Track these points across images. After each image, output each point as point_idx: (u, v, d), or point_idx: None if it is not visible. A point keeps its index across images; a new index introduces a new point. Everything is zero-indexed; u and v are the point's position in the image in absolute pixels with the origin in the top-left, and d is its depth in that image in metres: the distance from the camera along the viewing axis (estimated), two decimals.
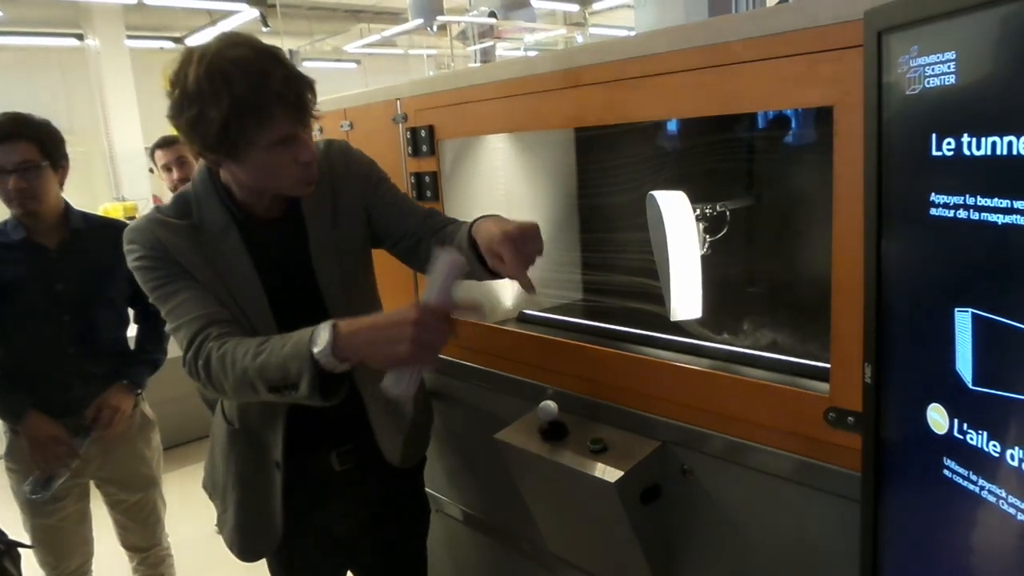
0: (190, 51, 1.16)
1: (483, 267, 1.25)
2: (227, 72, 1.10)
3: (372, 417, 1.46)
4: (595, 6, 9.42)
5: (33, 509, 2.05)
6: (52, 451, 1.94)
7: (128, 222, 1.49)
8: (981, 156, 0.68)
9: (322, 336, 1.06)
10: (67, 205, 2.03)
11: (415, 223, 1.43)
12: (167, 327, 1.28)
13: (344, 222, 1.41)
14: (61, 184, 1.99)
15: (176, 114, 1.15)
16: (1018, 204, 0.65)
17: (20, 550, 1.58)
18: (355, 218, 1.43)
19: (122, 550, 2.32)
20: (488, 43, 5.04)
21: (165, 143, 2.89)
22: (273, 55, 1.17)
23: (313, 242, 1.37)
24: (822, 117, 1.44)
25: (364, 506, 1.58)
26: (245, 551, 1.52)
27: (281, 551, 1.51)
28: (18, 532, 1.97)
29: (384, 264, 2.09)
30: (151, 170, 8.80)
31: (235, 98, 1.10)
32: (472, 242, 1.25)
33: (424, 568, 1.77)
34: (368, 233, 1.47)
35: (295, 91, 1.15)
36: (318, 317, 1.13)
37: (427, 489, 2.07)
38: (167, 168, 2.91)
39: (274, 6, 7.72)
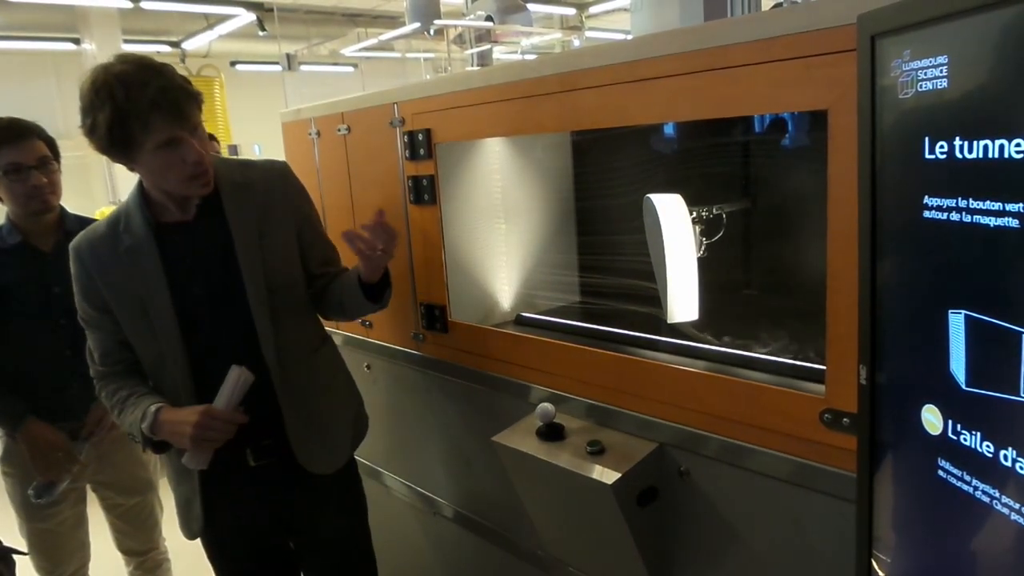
0: (89, 71, 1.35)
1: (365, 296, 1.55)
2: (110, 84, 1.29)
3: (287, 423, 1.55)
4: (591, 10, 9.45)
5: (29, 513, 2.05)
6: (52, 457, 1.93)
7: None
8: (973, 159, 0.69)
9: (147, 419, 1.42)
10: (62, 208, 2.03)
11: (319, 267, 1.64)
12: None
13: (271, 236, 1.52)
14: None
15: (81, 124, 1.36)
16: (1010, 207, 0.65)
17: (15, 557, 1.57)
18: (283, 236, 1.56)
19: (119, 554, 2.32)
20: (485, 47, 5.04)
21: None
22: (154, 69, 1.33)
23: (239, 247, 1.48)
24: (817, 120, 1.45)
25: (285, 505, 1.64)
26: (182, 527, 1.66)
27: (205, 533, 1.63)
28: (14, 536, 1.97)
29: None
30: None
31: (116, 106, 1.29)
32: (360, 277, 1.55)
33: (372, 568, 1.83)
34: (298, 256, 1.59)
35: (171, 99, 1.31)
36: (238, 324, 1.48)
37: (424, 491, 2.08)
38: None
39: (271, 10, 7.71)
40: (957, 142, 0.71)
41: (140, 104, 1.29)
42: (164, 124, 1.32)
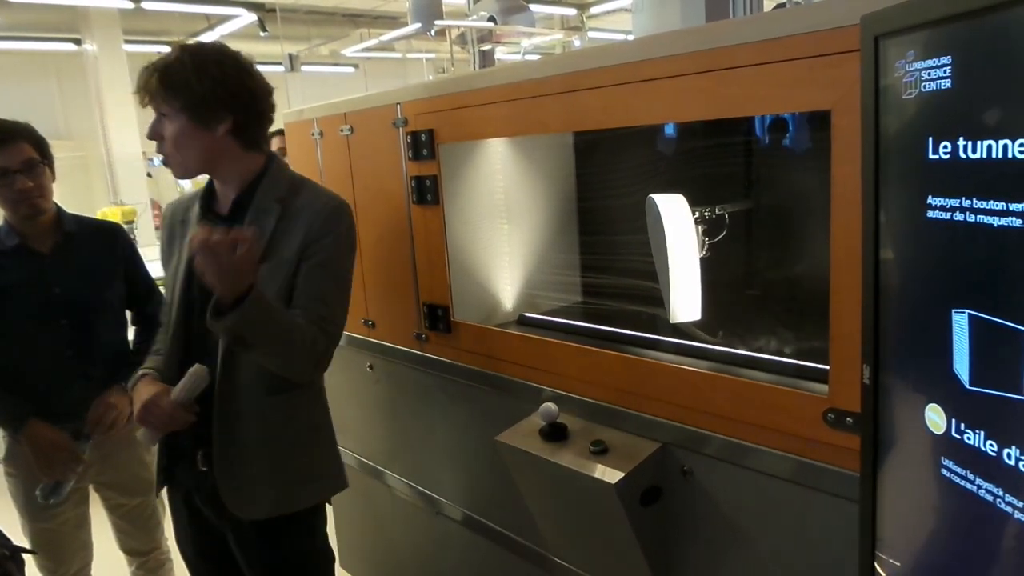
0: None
1: None
2: None
3: (214, 448, 1.51)
4: (592, 10, 9.45)
5: (32, 513, 2.05)
6: (56, 458, 1.93)
7: (122, 225, 1.59)
8: (977, 159, 0.69)
9: (132, 381, 1.57)
10: (59, 209, 2.03)
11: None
12: None
13: (273, 259, 1.46)
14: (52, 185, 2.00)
15: None
16: (1013, 207, 0.66)
17: (24, 556, 1.58)
18: (283, 263, 1.47)
19: (121, 554, 2.32)
20: (487, 47, 5.04)
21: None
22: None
23: None
24: (820, 120, 1.46)
25: (230, 517, 1.55)
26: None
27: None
28: (17, 536, 1.97)
29: (388, 266, 2.10)
30: (149, 174, 8.80)
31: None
32: None
33: None
34: (291, 285, 1.48)
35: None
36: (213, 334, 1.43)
37: (426, 491, 2.08)
38: None
39: (272, 11, 7.72)
40: (961, 142, 0.71)
41: None
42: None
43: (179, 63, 1.41)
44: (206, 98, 1.41)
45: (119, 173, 8.32)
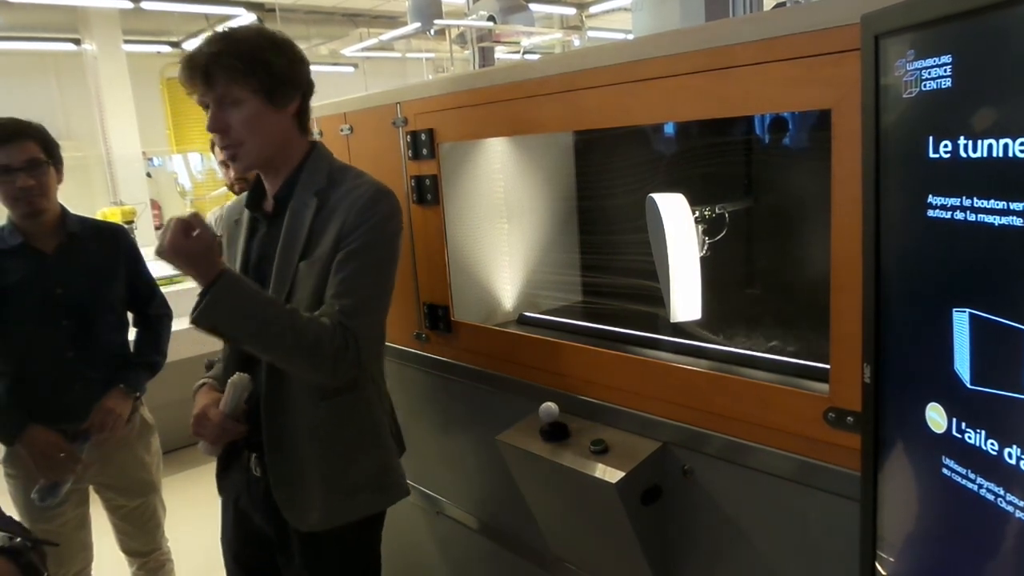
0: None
1: None
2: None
3: (267, 460, 1.45)
4: (592, 10, 9.45)
5: (33, 515, 2.05)
6: (55, 458, 1.93)
7: (124, 225, 1.57)
8: (977, 158, 0.69)
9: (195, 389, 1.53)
10: (63, 209, 2.03)
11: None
12: None
13: (313, 249, 1.40)
14: (58, 186, 2.00)
15: None
16: (1014, 205, 0.66)
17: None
18: (323, 254, 1.39)
19: (122, 555, 2.32)
20: (486, 46, 5.05)
21: None
22: (204, 41, 1.34)
23: (279, 253, 1.43)
24: (820, 120, 1.46)
25: (278, 524, 1.49)
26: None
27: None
28: None
29: None
30: (148, 174, 8.78)
31: None
32: None
33: None
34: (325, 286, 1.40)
35: (187, 68, 1.33)
36: None
37: (427, 491, 2.08)
38: (224, 164, 2.90)
39: (272, 10, 7.72)
40: (961, 141, 0.71)
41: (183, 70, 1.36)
42: (192, 89, 1.36)
43: (255, 42, 1.34)
44: (283, 76, 1.36)
45: (119, 173, 8.32)
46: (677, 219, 1.50)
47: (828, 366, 1.11)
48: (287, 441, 1.44)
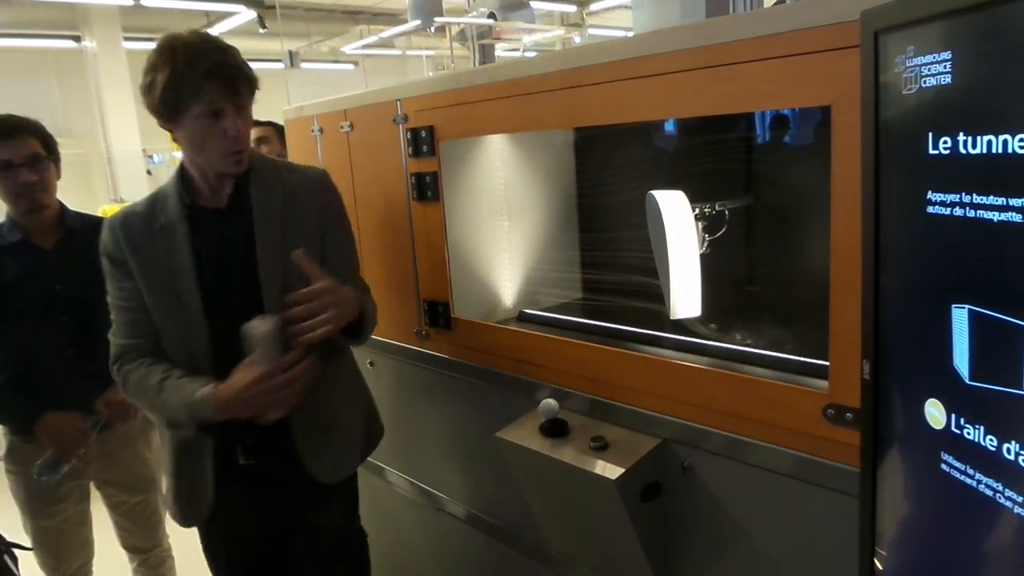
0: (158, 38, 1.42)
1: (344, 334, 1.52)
2: (174, 48, 1.36)
3: (295, 431, 1.55)
4: (592, 7, 9.44)
5: (34, 511, 2.05)
6: (69, 433, 1.95)
7: None
8: (977, 155, 0.69)
9: (204, 407, 1.41)
10: (62, 205, 2.04)
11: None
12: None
13: (294, 238, 1.50)
14: (56, 182, 2.00)
15: (141, 84, 1.41)
16: (1013, 201, 0.66)
17: (17, 552, 1.59)
18: (307, 236, 1.53)
19: (123, 551, 2.33)
20: (487, 43, 5.05)
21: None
22: (217, 46, 1.40)
23: (259, 242, 1.49)
24: (820, 116, 1.46)
25: (277, 507, 1.64)
26: (174, 515, 1.66)
27: (209, 525, 1.64)
28: (19, 534, 1.97)
29: (388, 263, 2.10)
30: (149, 172, 8.78)
31: (175, 68, 1.35)
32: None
33: (364, 559, 1.85)
34: (320, 258, 1.54)
35: (226, 74, 1.38)
36: (251, 315, 1.41)
37: (427, 487, 2.08)
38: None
39: (272, 7, 7.70)
40: (961, 137, 0.71)
41: (197, 69, 1.35)
42: (214, 94, 1.37)
43: (236, 56, 1.42)
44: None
45: (119, 171, 8.32)
46: (677, 216, 1.50)
47: (827, 362, 1.11)
48: (312, 399, 1.52)
